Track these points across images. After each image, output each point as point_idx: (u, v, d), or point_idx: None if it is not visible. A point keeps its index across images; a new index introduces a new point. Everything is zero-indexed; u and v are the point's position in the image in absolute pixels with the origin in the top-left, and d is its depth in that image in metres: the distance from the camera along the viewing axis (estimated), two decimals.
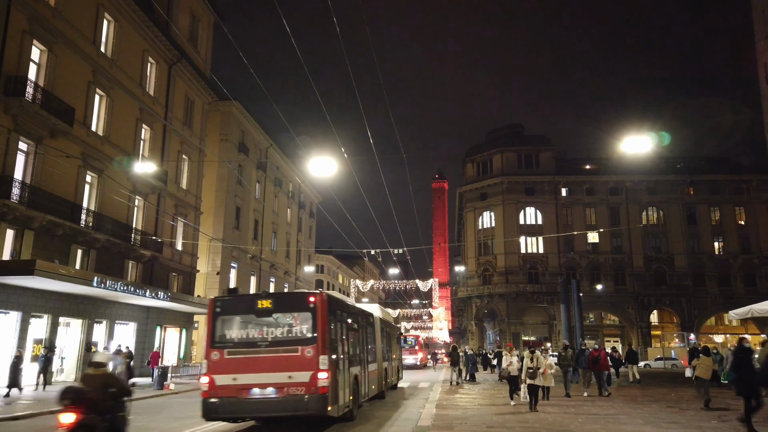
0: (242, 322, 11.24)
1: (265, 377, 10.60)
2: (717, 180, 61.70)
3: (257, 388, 10.60)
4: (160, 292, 25.65)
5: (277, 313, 11.20)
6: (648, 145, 16.10)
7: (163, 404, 16.98)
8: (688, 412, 12.75)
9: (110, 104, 26.16)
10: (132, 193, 27.69)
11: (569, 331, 32.22)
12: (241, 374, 10.67)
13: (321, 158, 16.69)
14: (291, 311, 11.27)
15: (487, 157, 66.02)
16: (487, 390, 20.28)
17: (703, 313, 59.62)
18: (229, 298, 12.11)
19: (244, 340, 11.06)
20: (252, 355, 10.83)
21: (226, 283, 40.70)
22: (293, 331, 11.01)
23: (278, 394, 10.50)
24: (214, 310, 11.36)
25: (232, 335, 11.12)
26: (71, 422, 6.68)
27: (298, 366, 10.55)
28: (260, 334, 11.07)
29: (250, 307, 11.44)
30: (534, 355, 13.28)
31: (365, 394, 14.37)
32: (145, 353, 28.66)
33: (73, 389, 6.96)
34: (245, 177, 44.80)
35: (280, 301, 12.07)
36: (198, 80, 34.78)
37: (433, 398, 16.95)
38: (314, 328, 10.85)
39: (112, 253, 26.09)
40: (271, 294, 12.74)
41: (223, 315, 11.32)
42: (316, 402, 10.37)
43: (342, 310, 12.93)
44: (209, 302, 11.68)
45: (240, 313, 11.40)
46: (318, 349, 10.64)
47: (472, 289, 64.09)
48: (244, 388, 10.60)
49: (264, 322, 11.14)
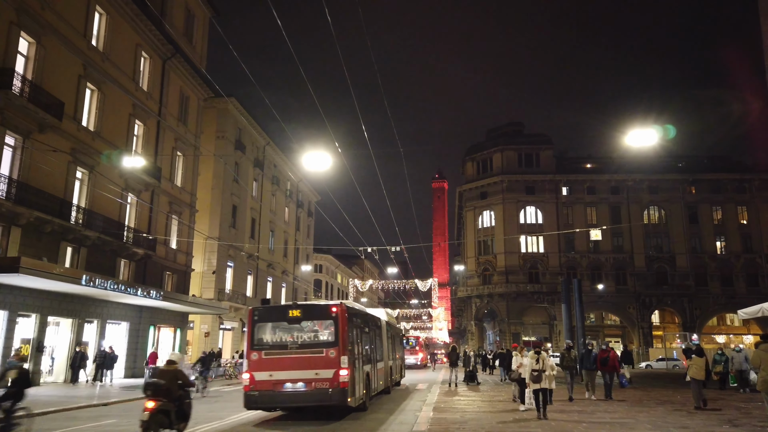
0: (276, 328, 13.42)
1: (296, 374, 12.66)
2: (719, 179, 61.12)
3: (289, 382, 12.66)
4: (153, 291, 25.07)
5: (304, 320, 13.34)
6: (653, 139, 15.59)
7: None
8: (697, 416, 12.18)
9: (102, 99, 25.58)
10: (124, 190, 27.12)
11: (570, 331, 31.57)
12: (275, 371, 12.73)
13: (315, 152, 16.23)
14: (316, 319, 13.40)
15: (487, 156, 65.44)
16: (486, 392, 19.73)
17: (705, 313, 59.05)
18: (265, 308, 14.01)
19: (278, 343, 13.24)
20: (285, 356, 12.94)
21: (222, 283, 40.19)
22: (318, 335, 13.19)
23: (307, 388, 12.56)
24: (253, 317, 13.36)
25: (268, 339, 13.29)
26: (152, 407, 9.04)
27: (323, 365, 12.63)
28: (291, 338, 13.26)
29: (282, 315, 13.66)
30: (540, 357, 12.28)
31: (375, 388, 16.42)
32: (137, 353, 28.13)
33: (153, 383, 9.43)
34: (242, 175, 44.24)
35: (307, 310, 13.91)
36: (193, 76, 34.21)
37: (431, 400, 16.39)
38: (336, 333, 12.96)
39: (104, 251, 25.52)
40: (300, 304, 14.67)
41: (260, 322, 13.39)
42: (339, 394, 12.45)
43: (357, 317, 14.98)
44: (248, 311, 13.66)
45: (274, 320, 13.52)
46: (339, 351, 12.74)
47: (471, 289, 63.51)
48: (278, 382, 12.67)
49: (294, 328, 13.31)
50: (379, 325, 18.91)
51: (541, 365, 12.07)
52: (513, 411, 13.35)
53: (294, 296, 57.32)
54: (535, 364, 12.13)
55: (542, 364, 12.08)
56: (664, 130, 15.88)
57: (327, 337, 13.07)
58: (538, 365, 12.08)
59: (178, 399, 9.71)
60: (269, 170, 50.36)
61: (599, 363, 15.88)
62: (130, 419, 13.40)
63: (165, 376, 9.63)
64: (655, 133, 15.52)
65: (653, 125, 15.74)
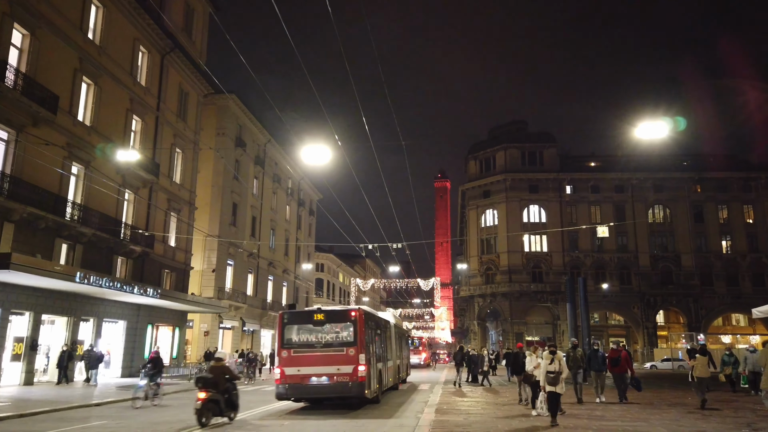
0: (303, 330, 15.11)
1: (320, 369, 14.38)
2: (724, 177, 60.46)
3: (315, 377, 14.37)
4: (150, 289, 24.59)
5: (328, 323, 14.96)
6: (664, 130, 15.11)
7: (142, 407, 15.89)
8: (713, 419, 11.63)
9: (98, 93, 25.12)
10: (121, 186, 26.65)
11: (575, 331, 31.08)
12: (303, 367, 14.46)
13: (315, 146, 15.80)
14: (338, 322, 15.01)
15: (490, 154, 64.88)
16: (490, 392, 19.20)
17: (711, 313, 58.38)
18: (293, 312, 15.81)
19: (304, 342, 14.96)
20: (310, 353, 14.69)
21: (222, 281, 39.73)
22: (340, 336, 14.84)
23: (330, 381, 14.29)
24: (283, 320, 15.16)
25: (295, 339, 15.01)
26: (203, 398, 10.86)
27: (344, 361, 14.34)
28: (316, 338, 14.96)
29: (308, 318, 15.27)
30: (555, 356, 11.11)
31: (386, 384, 18.04)
32: (135, 352, 27.68)
33: (202, 377, 11.46)
34: (242, 173, 43.77)
35: (330, 314, 15.33)
36: (192, 71, 33.73)
37: (433, 401, 15.87)
38: (355, 334, 14.69)
39: (100, 248, 25.05)
40: (324, 309, 15.78)
41: (289, 324, 15.15)
42: (357, 387, 14.19)
43: (372, 320, 16.76)
44: (279, 315, 15.40)
45: (301, 323, 15.23)
46: (358, 350, 14.46)
47: (474, 289, 62.94)
48: (305, 376, 14.40)
49: (319, 330, 15.00)
50: (389, 328, 20.48)
51: (557, 366, 11.00)
52: (523, 416, 12.76)
53: (295, 295, 56.86)
54: (550, 365, 11.07)
55: (559, 365, 11.02)
56: (675, 122, 15.39)
57: (347, 337, 14.76)
58: (554, 366, 11.02)
59: (226, 391, 11.66)
60: (270, 168, 49.87)
61: (610, 364, 15.00)
62: (120, 420, 12.93)
63: (214, 372, 11.68)
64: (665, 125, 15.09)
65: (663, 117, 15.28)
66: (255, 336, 46.33)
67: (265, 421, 12.80)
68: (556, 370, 10.94)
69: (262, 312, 46.83)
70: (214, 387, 11.32)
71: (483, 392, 19.37)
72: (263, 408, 15.17)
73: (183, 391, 21.11)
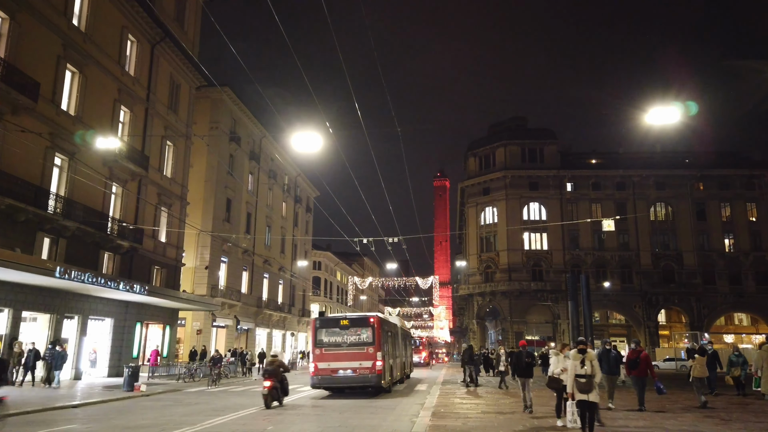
0: (331, 333, 18.58)
1: (346, 364, 17.95)
2: (727, 174, 59.58)
3: (341, 370, 17.92)
4: (137, 286, 23.64)
5: (351, 327, 18.55)
6: (675, 116, 14.33)
7: (121, 409, 14.97)
8: (733, 424, 10.74)
9: (83, 82, 24.15)
10: (108, 179, 25.70)
11: (577, 330, 30.16)
12: (332, 362, 18.01)
13: (305, 132, 14.94)
14: (359, 326, 18.55)
15: (490, 151, 63.99)
16: (490, 394, 18.30)
17: (713, 312, 57.53)
18: (323, 318, 19.55)
19: (333, 342, 18.40)
20: (338, 351, 18.20)
21: (216, 279, 38.80)
22: (361, 338, 18.32)
23: (354, 374, 17.87)
24: (316, 325, 18.76)
25: (326, 340, 18.47)
26: (269, 385, 14.64)
27: (365, 358, 17.95)
28: (342, 339, 18.42)
29: (336, 324, 18.84)
30: (586, 356, 9.16)
31: (395, 377, 21.51)
32: (123, 351, 26.75)
33: (268, 370, 15.30)
34: (237, 168, 42.84)
35: (353, 320, 18.98)
36: (184, 62, 32.78)
37: (430, 403, 14.99)
38: (373, 336, 18.23)
39: (85, 242, 24.10)
40: (348, 316, 19.57)
41: (321, 328, 18.68)
42: (375, 378, 17.85)
43: (386, 325, 20.38)
44: (312, 321, 19.10)
45: (330, 327, 18.75)
46: (376, 348, 18.00)
47: (473, 287, 62.04)
48: (334, 369, 17.93)
49: (344, 333, 18.52)
50: (397, 331, 23.96)
51: (589, 368, 9.03)
52: (528, 421, 11.84)
53: (292, 293, 55.96)
54: (580, 368, 9.09)
55: (591, 366, 9.07)
56: (686, 107, 14.56)
57: (367, 339, 18.25)
58: (585, 368, 9.05)
59: (281, 380, 15.54)
60: (266, 163, 48.94)
61: (627, 366, 13.52)
62: (92, 424, 11.98)
63: (272, 365, 15.59)
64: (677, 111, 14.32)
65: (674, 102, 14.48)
66: (250, 334, 45.40)
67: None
68: (587, 373, 9.04)
69: (257, 310, 45.88)
70: (274, 376, 15.11)
71: (482, 393, 18.48)
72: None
73: (171, 392, 20.17)
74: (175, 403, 16.19)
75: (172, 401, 16.90)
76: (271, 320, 49.69)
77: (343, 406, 15.43)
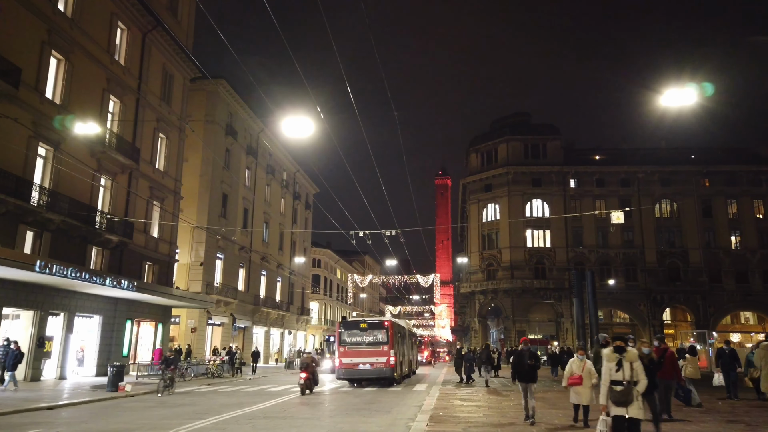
0: (353, 333, 22.09)
1: (365, 359, 21.45)
2: (734, 171, 58.35)
3: (361, 364, 21.41)
4: (124, 281, 22.70)
5: (369, 329, 22.04)
6: (691, 97, 13.45)
7: (97, 411, 14.05)
8: (761, 430, 9.76)
9: (69, 69, 23.22)
10: (97, 171, 24.77)
11: (582, 328, 29.20)
12: (353, 358, 21.51)
13: (296, 117, 14.11)
14: (376, 329, 22.09)
15: (492, 147, 62.92)
16: (492, 395, 17.35)
17: (720, 311, 56.43)
18: (347, 322, 22.95)
19: (355, 342, 21.89)
20: (359, 349, 21.67)
21: (212, 275, 37.89)
22: (377, 338, 21.80)
23: (371, 367, 21.38)
24: (341, 327, 22.43)
25: (348, 339, 21.96)
26: (305, 377, 18.38)
27: (380, 355, 21.46)
28: (362, 339, 21.87)
29: (356, 326, 22.36)
30: (624, 356, 7.08)
31: (404, 372, 25.10)
32: (112, 349, 25.85)
33: (303, 363, 18.99)
34: (233, 162, 41.92)
35: (371, 324, 22.53)
36: (177, 53, 31.83)
37: (428, 406, 14.05)
38: (387, 337, 21.76)
39: (72, 237, 23.18)
40: (366, 320, 23.00)
41: (344, 329, 22.25)
42: (389, 371, 21.40)
43: (397, 327, 24.00)
44: (337, 324, 23.20)
45: (352, 329, 22.23)
46: (389, 347, 21.58)
47: (475, 285, 61.00)
48: (355, 364, 21.43)
49: (363, 334, 21.98)
50: (405, 333, 27.63)
51: (627, 373, 6.93)
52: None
53: (290, 291, 55.05)
54: (615, 371, 7.01)
55: (629, 371, 6.95)
56: (702, 88, 13.62)
57: (382, 339, 21.84)
58: (622, 373, 6.95)
59: (313, 373, 19.11)
60: (263, 159, 48.00)
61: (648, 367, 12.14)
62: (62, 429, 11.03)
63: (306, 360, 19.16)
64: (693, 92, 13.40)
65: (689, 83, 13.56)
66: (247, 333, 44.50)
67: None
68: (626, 380, 6.89)
69: (254, 308, 44.98)
70: (308, 369, 18.55)
71: (483, 395, 17.52)
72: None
73: (149, 394, 19.16)
74: (159, 405, 15.26)
75: (155, 402, 15.97)
76: (269, 318, 48.78)
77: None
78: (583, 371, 10.46)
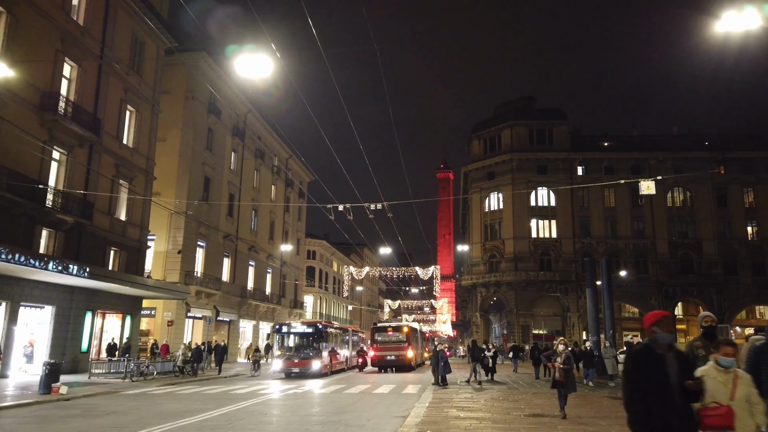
0: (382, 334, 31.37)
1: (391, 353, 30.44)
2: (750, 157, 55.17)
3: (388, 356, 30.38)
4: (73, 266, 19.82)
5: (393, 332, 31.51)
6: (755, 21, 10.72)
7: (22, 420, 11.18)
8: None
9: (12, 24, 20.30)
10: (47, 143, 21.88)
11: (596, 321, 26.32)
12: (382, 351, 30.57)
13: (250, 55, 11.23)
14: (398, 331, 31.45)
15: (495, 133, 59.80)
16: (496, 399, 14.43)
17: (735, 304, 53.40)
18: (377, 326, 32.36)
19: (383, 340, 31.07)
20: (386, 345, 30.74)
21: (191, 264, 34.99)
22: (399, 338, 31.10)
23: (395, 359, 30.39)
24: (374, 329, 32.14)
25: (379, 339, 31.09)
26: None
27: (401, 349, 30.52)
28: (388, 338, 31.11)
29: (384, 330, 31.74)
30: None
31: (417, 362, 33.74)
32: (67, 344, 23.00)
33: None
34: (217, 143, 39.00)
35: (395, 328, 32.11)
36: (150, 18, 28.83)
37: (418, 413, 11.19)
38: (406, 337, 31.08)
39: (14, 215, 20.30)
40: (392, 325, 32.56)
41: (376, 332, 31.67)
42: (408, 361, 30.58)
43: (413, 330, 33.22)
44: (371, 329, 33.04)
45: (381, 332, 31.55)
46: (407, 344, 30.81)
47: (477, 277, 58.01)
48: (384, 356, 30.45)
49: (389, 335, 31.35)
50: (418, 334, 36.15)
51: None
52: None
53: (282, 283, 52.18)
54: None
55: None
56: (765, 10, 10.81)
57: (402, 339, 30.85)
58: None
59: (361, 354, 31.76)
60: (252, 142, 45.04)
61: None
62: None
63: None
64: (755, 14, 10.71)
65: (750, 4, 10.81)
66: (232, 326, 41.67)
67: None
68: None
69: (240, 300, 42.12)
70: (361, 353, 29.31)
71: (485, 398, 14.61)
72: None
73: (102, 395, 16.31)
74: (83, 413, 12.37)
75: (80, 410, 13.06)
76: (257, 311, 45.92)
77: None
78: (734, 397, 4.39)
